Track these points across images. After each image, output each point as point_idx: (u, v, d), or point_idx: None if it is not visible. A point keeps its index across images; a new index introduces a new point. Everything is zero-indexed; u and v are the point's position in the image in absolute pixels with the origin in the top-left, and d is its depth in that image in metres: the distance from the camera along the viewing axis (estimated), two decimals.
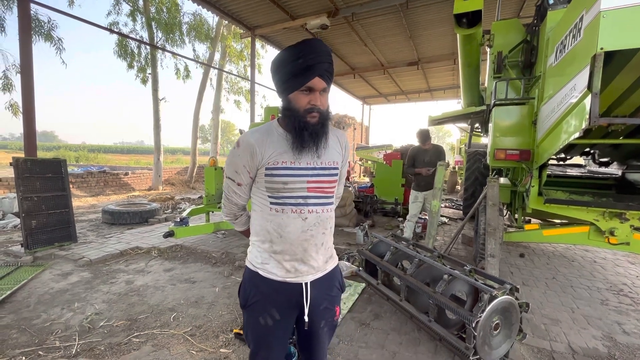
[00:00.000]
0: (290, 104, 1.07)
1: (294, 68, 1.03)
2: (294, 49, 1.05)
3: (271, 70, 1.12)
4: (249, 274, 1.17)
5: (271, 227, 1.12)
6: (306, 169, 1.10)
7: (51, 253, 4.03)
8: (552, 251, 4.77)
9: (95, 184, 10.19)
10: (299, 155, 1.09)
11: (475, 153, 6.42)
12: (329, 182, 1.16)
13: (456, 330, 2.25)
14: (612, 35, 1.90)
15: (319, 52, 1.05)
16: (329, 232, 1.19)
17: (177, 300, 2.93)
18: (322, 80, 1.05)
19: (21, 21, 4.38)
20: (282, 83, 1.08)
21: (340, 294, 1.27)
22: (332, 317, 1.23)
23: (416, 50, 9.63)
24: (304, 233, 1.11)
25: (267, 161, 1.08)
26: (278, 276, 1.12)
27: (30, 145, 4.44)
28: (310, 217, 1.12)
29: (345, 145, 1.24)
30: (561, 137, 2.54)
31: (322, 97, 1.08)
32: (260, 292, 1.14)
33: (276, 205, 1.11)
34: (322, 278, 1.19)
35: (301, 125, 1.05)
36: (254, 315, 1.15)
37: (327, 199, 1.17)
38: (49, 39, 8.48)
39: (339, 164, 1.21)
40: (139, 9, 10.51)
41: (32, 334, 2.36)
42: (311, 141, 1.07)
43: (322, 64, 1.04)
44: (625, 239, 2.97)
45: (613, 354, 2.28)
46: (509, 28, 4.10)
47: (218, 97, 13.47)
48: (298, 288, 1.14)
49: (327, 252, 1.20)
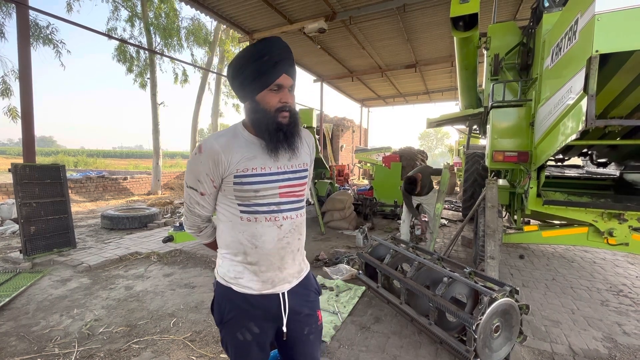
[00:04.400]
0: (259, 106, 1.00)
1: (260, 66, 0.97)
2: (256, 46, 1.00)
3: (231, 73, 1.05)
4: (221, 289, 1.10)
5: (244, 238, 1.05)
6: (277, 174, 1.05)
7: (50, 259, 4.02)
8: (551, 252, 4.78)
9: (94, 189, 10.17)
10: (272, 159, 1.04)
11: (474, 155, 6.44)
12: (300, 185, 1.11)
13: (457, 333, 2.24)
14: (607, 38, 1.92)
15: (282, 48, 1.01)
16: (303, 237, 1.16)
17: (176, 306, 2.92)
18: (288, 77, 1.01)
19: (20, 27, 4.39)
20: (247, 84, 1.00)
21: (318, 298, 1.24)
22: (316, 323, 1.19)
23: (414, 53, 9.68)
24: (280, 241, 1.07)
25: (234, 168, 1.01)
26: (254, 290, 1.06)
27: (29, 151, 4.44)
28: (285, 223, 1.07)
29: (312, 145, 1.19)
30: (559, 138, 2.55)
31: (290, 95, 1.03)
32: (235, 306, 1.08)
33: (248, 214, 1.04)
34: (298, 285, 1.15)
35: (275, 126, 1.00)
36: (232, 331, 1.09)
37: (300, 202, 1.13)
38: (48, 43, 8.51)
39: (308, 165, 1.17)
40: (137, 14, 10.56)
41: (31, 341, 2.34)
42: (286, 142, 1.02)
43: (287, 60, 1.01)
44: (624, 240, 2.97)
45: (614, 355, 2.28)
46: (506, 31, 4.12)
47: (217, 101, 13.51)
48: (275, 299, 1.09)
49: (301, 257, 1.17)
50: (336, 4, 6.85)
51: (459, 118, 5.54)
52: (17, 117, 7.36)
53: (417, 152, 9.44)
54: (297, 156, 1.10)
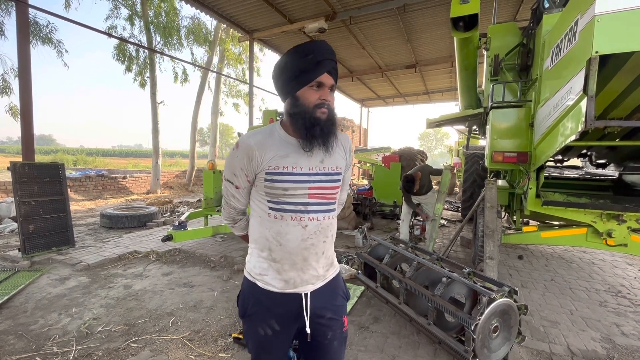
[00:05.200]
0: (299, 101, 1.03)
1: (304, 64, 1.02)
2: (303, 46, 1.04)
3: (276, 72, 1.09)
4: (248, 284, 1.14)
5: (270, 234, 1.08)
6: (308, 174, 1.06)
7: (49, 258, 4.01)
8: (550, 253, 4.78)
9: (93, 188, 10.16)
10: (304, 159, 1.06)
11: (474, 155, 6.45)
12: (331, 187, 1.11)
13: (455, 333, 2.25)
14: (607, 39, 1.92)
15: (327, 50, 1.05)
16: (329, 240, 1.15)
17: (175, 305, 2.92)
18: (330, 76, 1.05)
19: (19, 25, 4.39)
20: (289, 81, 1.04)
21: (346, 303, 1.22)
22: (340, 328, 1.17)
23: (414, 53, 9.69)
24: (304, 242, 1.07)
25: (267, 165, 1.04)
26: (277, 288, 1.08)
27: (28, 149, 4.43)
28: (310, 224, 1.07)
29: (349, 150, 1.21)
30: (558, 139, 2.55)
31: (330, 94, 1.06)
32: (259, 302, 1.11)
33: (275, 211, 1.07)
34: (324, 287, 1.14)
35: (312, 121, 1.02)
36: (253, 325, 1.12)
37: (329, 205, 1.12)
38: (47, 42, 8.50)
39: (342, 169, 1.16)
40: (137, 12, 10.55)
41: (30, 340, 2.34)
42: (321, 138, 1.04)
43: (330, 61, 1.05)
44: (623, 241, 2.98)
45: (612, 355, 2.28)
46: (506, 31, 4.13)
47: (216, 100, 13.50)
48: (297, 299, 1.10)
49: (327, 261, 1.16)
50: (336, 3, 6.85)
51: (458, 118, 5.54)
52: (17, 115, 7.35)
53: (417, 153, 9.44)
54: (330, 158, 1.11)
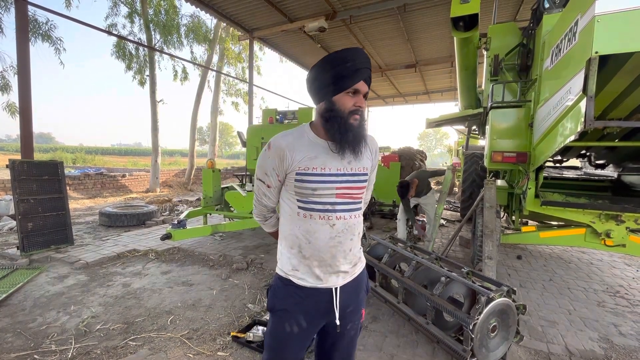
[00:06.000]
0: (335, 106, 1.07)
1: (343, 70, 1.05)
2: (343, 53, 1.08)
3: (313, 75, 1.12)
4: (280, 280, 1.17)
5: (299, 232, 1.12)
6: (336, 175, 1.10)
7: (47, 256, 4.01)
8: (549, 253, 4.79)
9: (92, 186, 10.15)
10: (333, 161, 1.10)
11: (473, 155, 6.45)
12: (358, 188, 1.15)
13: (454, 332, 2.25)
14: (607, 39, 1.92)
15: (365, 58, 1.09)
16: (356, 237, 1.19)
17: (174, 303, 2.92)
18: (365, 84, 1.09)
19: (18, 22, 4.37)
20: (326, 85, 1.08)
21: (365, 296, 1.28)
22: (358, 320, 1.24)
23: (414, 53, 9.68)
24: (332, 240, 1.11)
25: (297, 166, 1.08)
26: (309, 282, 1.13)
27: (27, 147, 4.42)
28: (338, 223, 1.11)
29: (376, 151, 1.25)
30: (557, 139, 2.56)
31: (364, 101, 1.11)
32: (290, 296, 1.14)
33: (304, 210, 1.11)
34: (351, 282, 1.19)
35: (346, 127, 1.07)
36: (281, 321, 1.15)
37: (356, 204, 1.16)
38: (47, 39, 8.47)
39: (369, 170, 1.21)
40: (136, 10, 10.52)
41: (28, 338, 2.34)
42: (352, 144, 1.08)
43: (367, 70, 1.09)
44: (621, 241, 2.99)
45: (610, 355, 2.29)
46: (506, 31, 4.13)
47: (216, 99, 13.48)
48: (327, 294, 1.14)
49: (354, 258, 1.19)
50: (337, 3, 6.84)
51: (458, 118, 5.55)
52: (15, 112, 7.33)
53: (416, 152, 9.45)
54: (358, 160, 1.15)
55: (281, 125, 5.45)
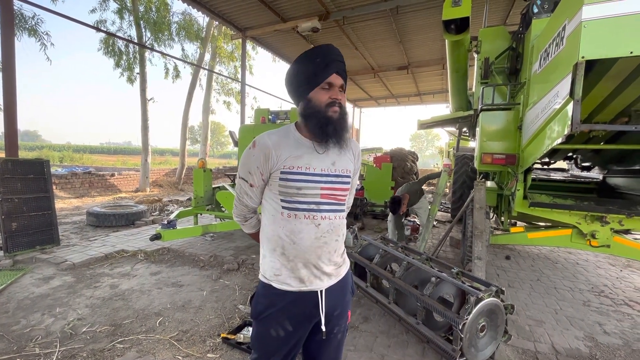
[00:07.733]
0: (311, 102, 1.09)
1: (314, 67, 1.08)
2: (311, 51, 1.11)
3: (288, 78, 1.15)
4: (263, 287, 1.16)
5: (283, 233, 1.10)
6: (320, 175, 1.11)
7: (32, 256, 3.91)
8: (536, 253, 4.88)
9: (79, 185, 9.93)
10: (317, 160, 1.11)
11: (463, 157, 6.53)
12: (341, 189, 1.16)
13: (443, 332, 2.27)
14: (593, 44, 1.96)
15: (334, 52, 1.12)
16: (341, 239, 1.19)
17: (163, 305, 2.88)
18: (339, 77, 1.10)
19: (3, 16, 4.25)
20: (301, 85, 1.11)
21: (351, 298, 1.27)
22: (345, 322, 1.23)
23: (406, 55, 9.76)
24: (318, 240, 1.10)
25: (282, 164, 1.08)
26: (292, 286, 1.11)
27: (12, 145, 4.30)
28: (323, 223, 1.11)
29: (358, 155, 1.26)
30: (545, 142, 2.61)
31: (341, 93, 1.11)
32: (273, 304, 1.12)
33: (288, 210, 1.10)
34: (336, 284, 1.18)
35: (325, 120, 1.07)
36: (265, 327, 1.14)
37: (340, 205, 1.17)
38: (33, 34, 8.26)
39: (351, 172, 1.21)
40: (126, 7, 10.35)
41: (11, 341, 2.27)
42: (335, 136, 1.09)
43: (337, 62, 1.10)
44: (606, 242, 3.06)
45: (594, 354, 2.34)
46: (496, 35, 4.19)
47: (208, 98, 13.35)
48: (313, 297, 1.12)
49: (339, 259, 1.19)
50: (330, 3, 6.85)
51: (449, 120, 5.62)
52: None
53: (408, 153, 9.50)
54: (341, 161, 1.16)
55: (273, 125, 5.42)
